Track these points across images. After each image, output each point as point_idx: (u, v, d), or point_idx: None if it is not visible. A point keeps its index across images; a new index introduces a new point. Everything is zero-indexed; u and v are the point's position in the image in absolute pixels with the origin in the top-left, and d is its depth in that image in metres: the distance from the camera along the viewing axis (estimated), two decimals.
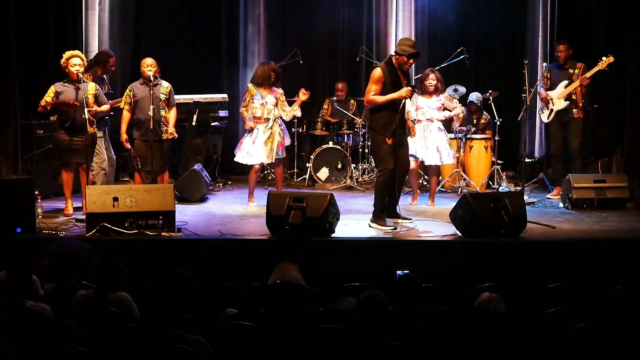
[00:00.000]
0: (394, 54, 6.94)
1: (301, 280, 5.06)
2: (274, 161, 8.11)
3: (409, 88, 6.80)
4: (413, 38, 10.16)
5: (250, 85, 8.14)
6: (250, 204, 8.16)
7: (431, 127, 8.15)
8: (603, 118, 9.39)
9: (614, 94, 9.10)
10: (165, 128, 7.72)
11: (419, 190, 8.52)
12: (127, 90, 7.77)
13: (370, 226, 6.93)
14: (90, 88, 7.32)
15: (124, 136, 7.70)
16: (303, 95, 8.13)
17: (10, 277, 4.41)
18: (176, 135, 7.89)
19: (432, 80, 8.05)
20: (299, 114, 8.39)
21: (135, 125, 7.77)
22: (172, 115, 7.80)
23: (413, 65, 7.35)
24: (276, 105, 8.03)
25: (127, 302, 4.42)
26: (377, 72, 6.83)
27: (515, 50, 10.26)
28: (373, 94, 6.79)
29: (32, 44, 8.74)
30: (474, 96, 9.77)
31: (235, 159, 8.26)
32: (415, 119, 8.02)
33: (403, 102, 6.91)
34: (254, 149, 8.02)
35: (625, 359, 3.76)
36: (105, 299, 4.36)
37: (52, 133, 7.58)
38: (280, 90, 8.14)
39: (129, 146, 7.72)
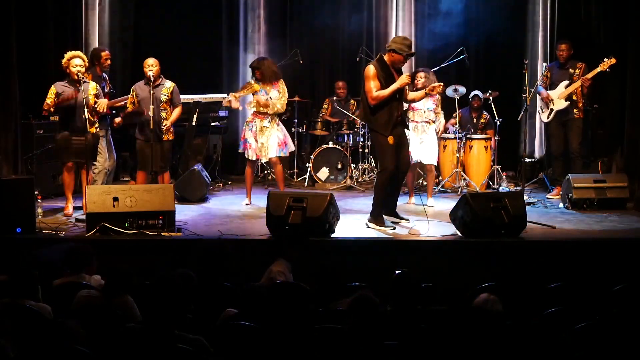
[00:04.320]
0: (389, 51, 6.87)
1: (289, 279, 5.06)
2: (273, 158, 8.06)
3: (408, 74, 6.83)
4: (413, 38, 10.20)
5: (252, 81, 8.07)
6: (243, 203, 8.11)
7: (426, 128, 8.15)
8: (603, 118, 9.40)
9: (614, 94, 9.11)
10: (166, 129, 7.73)
11: (414, 190, 8.53)
12: (132, 90, 7.83)
13: (368, 226, 6.92)
14: (91, 88, 7.33)
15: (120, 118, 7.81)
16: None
17: (12, 278, 4.41)
18: (171, 136, 7.87)
19: (420, 78, 7.99)
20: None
21: (138, 125, 7.81)
22: (174, 114, 7.80)
23: (414, 67, 7.36)
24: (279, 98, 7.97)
25: (128, 303, 4.42)
26: (372, 69, 6.81)
27: (515, 50, 10.26)
28: (376, 90, 6.77)
29: (32, 44, 8.75)
30: (477, 91, 9.80)
31: (248, 156, 8.14)
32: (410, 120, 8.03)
33: (402, 97, 6.94)
34: (253, 143, 7.97)
35: (625, 359, 3.76)
36: (110, 303, 4.36)
37: (54, 133, 7.59)
38: (282, 86, 8.04)
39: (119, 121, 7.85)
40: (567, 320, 4.09)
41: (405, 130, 7.35)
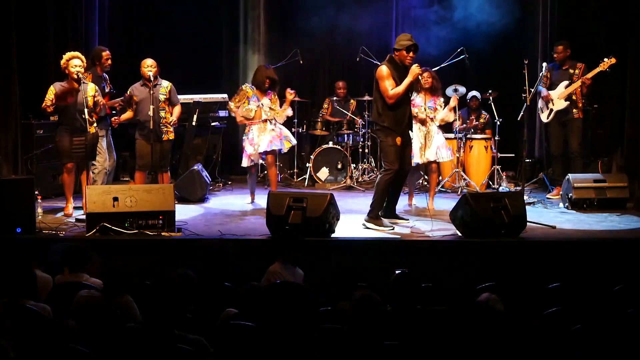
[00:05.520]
0: (393, 50, 6.92)
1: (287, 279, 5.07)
2: (269, 159, 8.07)
3: (417, 65, 6.82)
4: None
5: (246, 86, 8.14)
6: (246, 202, 8.23)
7: (430, 126, 8.16)
8: (603, 118, 9.40)
9: (614, 94, 9.11)
10: (166, 129, 7.75)
11: (415, 190, 8.53)
12: (128, 91, 7.81)
13: (365, 226, 6.91)
14: (90, 89, 7.33)
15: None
16: (290, 95, 8.11)
17: (13, 278, 4.41)
18: (172, 136, 7.88)
19: (427, 79, 8.01)
20: (290, 113, 8.28)
21: (137, 125, 7.82)
22: (175, 112, 7.83)
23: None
24: (272, 107, 8.00)
25: (128, 303, 4.42)
26: (384, 68, 6.83)
27: (515, 50, 10.26)
28: (392, 89, 6.76)
29: (32, 44, 8.74)
30: (474, 92, 9.79)
31: (242, 165, 8.25)
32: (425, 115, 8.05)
33: (409, 96, 6.99)
34: (252, 150, 8.02)
35: (625, 359, 3.76)
36: (110, 303, 4.36)
37: (54, 134, 7.59)
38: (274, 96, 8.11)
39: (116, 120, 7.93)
40: (567, 320, 4.08)
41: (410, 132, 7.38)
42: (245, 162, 8.16)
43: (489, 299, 4.10)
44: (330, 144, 9.84)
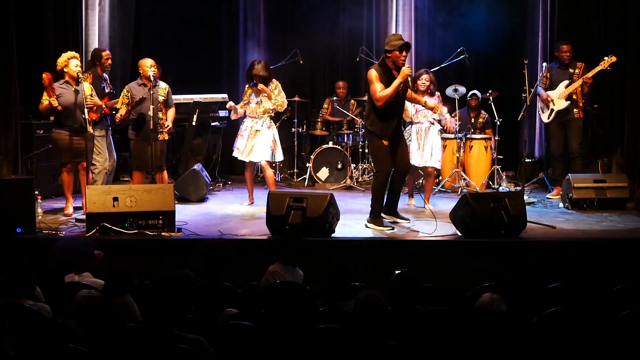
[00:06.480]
0: (385, 53, 6.87)
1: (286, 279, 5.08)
2: (263, 162, 8.08)
3: (408, 66, 6.78)
4: (413, 38, 10.20)
5: (247, 86, 8.15)
6: (245, 204, 8.20)
7: (431, 129, 8.16)
8: (603, 118, 9.40)
9: (614, 94, 9.11)
10: (161, 130, 7.73)
11: (415, 190, 8.54)
12: (125, 90, 7.76)
13: (367, 227, 6.92)
14: (87, 88, 7.34)
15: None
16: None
17: (12, 278, 4.41)
18: (167, 136, 7.86)
19: (425, 81, 8.02)
20: (269, 104, 8.01)
21: (132, 125, 7.78)
22: (170, 115, 7.81)
23: (413, 67, 7.35)
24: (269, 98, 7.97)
25: (129, 303, 4.42)
26: (373, 72, 6.79)
27: (515, 50, 10.27)
28: (381, 91, 6.73)
29: (32, 44, 8.74)
30: (475, 90, 9.80)
31: (233, 154, 8.27)
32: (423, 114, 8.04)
33: (404, 97, 6.94)
34: (243, 144, 8.01)
35: (625, 359, 3.76)
36: (110, 303, 4.36)
37: (51, 132, 7.58)
38: (274, 85, 8.02)
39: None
40: (567, 320, 4.08)
41: (405, 133, 7.37)
42: (235, 153, 8.13)
43: (492, 299, 4.10)
44: (330, 144, 9.83)
